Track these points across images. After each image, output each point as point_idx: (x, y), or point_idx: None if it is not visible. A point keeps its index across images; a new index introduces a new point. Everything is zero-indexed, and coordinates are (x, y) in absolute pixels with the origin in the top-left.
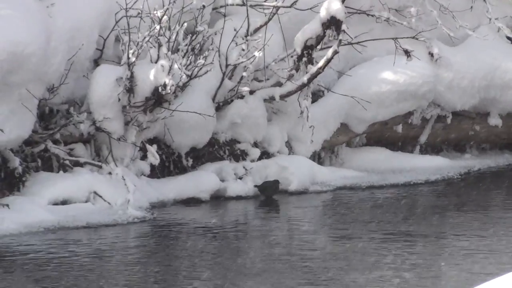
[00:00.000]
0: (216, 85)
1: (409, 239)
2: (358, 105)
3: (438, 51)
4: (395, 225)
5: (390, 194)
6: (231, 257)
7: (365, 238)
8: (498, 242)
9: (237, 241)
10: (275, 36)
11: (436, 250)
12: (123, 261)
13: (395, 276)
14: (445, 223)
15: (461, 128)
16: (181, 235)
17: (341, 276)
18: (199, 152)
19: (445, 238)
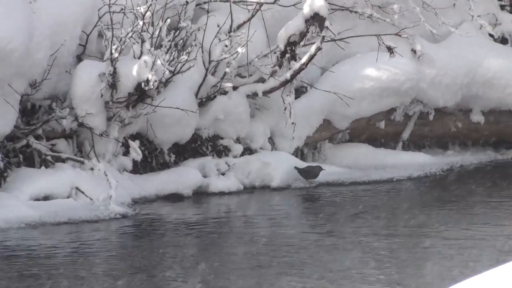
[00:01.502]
0: (199, 81)
1: (392, 235)
2: (341, 101)
3: (421, 48)
4: (378, 221)
5: (373, 190)
6: (213, 253)
7: (347, 234)
8: (480, 238)
9: (219, 237)
10: (258, 32)
11: (419, 246)
12: (104, 257)
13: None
14: (427, 219)
15: (444, 124)
16: (163, 231)
17: (323, 272)
18: (182, 148)
19: (428, 234)
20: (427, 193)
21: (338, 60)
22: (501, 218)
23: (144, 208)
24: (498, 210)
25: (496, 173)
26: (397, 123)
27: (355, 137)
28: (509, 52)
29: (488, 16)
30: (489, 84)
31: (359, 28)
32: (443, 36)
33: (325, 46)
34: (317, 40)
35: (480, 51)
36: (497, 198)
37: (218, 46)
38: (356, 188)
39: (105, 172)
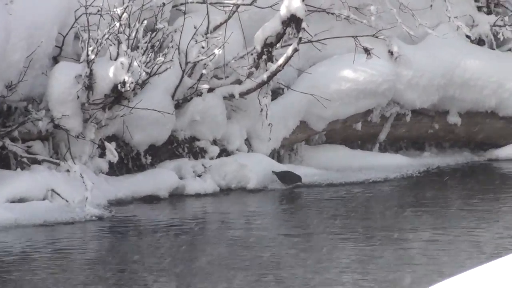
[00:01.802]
0: (176, 82)
1: (368, 236)
2: (317, 103)
3: (398, 49)
4: (354, 222)
5: (349, 192)
6: (189, 255)
7: (324, 235)
8: (456, 239)
9: (195, 239)
10: (235, 33)
11: (395, 247)
12: (80, 259)
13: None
14: (403, 220)
15: (420, 126)
16: (139, 233)
17: (299, 273)
18: (158, 149)
19: (404, 235)
20: (404, 194)
21: (315, 61)
22: (477, 220)
23: (120, 210)
24: (475, 212)
25: (473, 175)
26: (374, 124)
27: (332, 138)
28: (486, 53)
29: (465, 17)
30: (466, 86)
31: (336, 29)
32: (420, 37)
33: (302, 48)
34: (294, 42)
35: (457, 53)
36: (474, 200)
37: (194, 47)
38: (332, 190)
39: (81, 174)
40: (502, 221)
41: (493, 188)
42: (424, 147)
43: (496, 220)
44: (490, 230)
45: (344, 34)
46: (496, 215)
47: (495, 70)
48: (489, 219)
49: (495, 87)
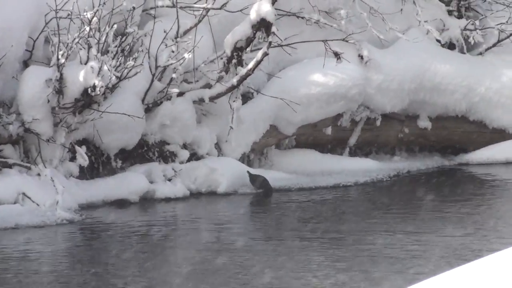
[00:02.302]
0: (146, 86)
1: (337, 240)
2: (287, 107)
3: (368, 53)
4: (324, 226)
5: (319, 196)
6: (159, 259)
7: (293, 239)
8: (426, 244)
9: (165, 243)
10: (205, 38)
11: (364, 252)
12: (50, 262)
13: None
14: (373, 225)
15: (391, 130)
16: (109, 236)
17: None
18: (128, 153)
19: (373, 239)
20: (374, 199)
21: (285, 65)
22: (447, 224)
23: (90, 213)
24: (445, 216)
25: (443, 179)
26: (344, 128)
27: (302, 143)
28: (457, 57)
29: (436, 21)
30: (437, 90)
31: (306, 33)
32: (390, 41)
33: (272, 52)
34: (264, 46)
35: (428, 57)
36: (443, 204)
37: (164, 51)
38: (302, 194)
39: (52, 178)
40: (472, 225)
41: (463, 193)
42: (394, 151)
43: (466, 224)
44: (460, 234)
45: (314, 38)
46: (466, 219)
47: (466, 74)
48: (459, 223)
49: (466, 91)
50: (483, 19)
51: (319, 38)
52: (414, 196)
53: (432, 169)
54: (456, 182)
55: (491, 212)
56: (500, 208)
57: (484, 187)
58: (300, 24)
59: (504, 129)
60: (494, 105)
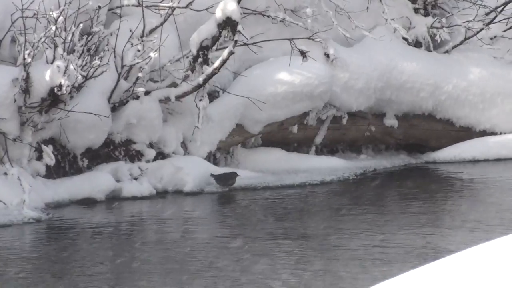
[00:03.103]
0: (112, 85)
1: (303, 239)
2: (253, 105)
3: (334, 51)
4: (289, 225)
5: (286, 195)
6: (125, 258)
7: (259, 238)
8: (391, 242)
9: (131, 242)
10: (171, 36)
11: (330, 250)
12: (16, 261)
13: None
14: (339, 223)
15: (357, 128)
16: (76, 235)
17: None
18: (95, 152)
19: (339, 238)
20: (340, 197)
21: (251, 64)
22: (412, 223)
23: (57, 212)
24: (411, 215)
25: (409, 177)
26: (310, 127)
27: (268, 141)
28: (423, 55)
29: (402, 19)
30: (403, 88)
31: (272, 32)
32: (356, 39)
33: (238, 50)
34: (229, 45)
35: (394, 55)
36: (409, 203)
37: (130, 50)
38: (268, 193)
39: (19, 177)
40: (438, 223)
41: (429, 191)
42: (360, 149)
43: (433, 222)
44: (426, 233)
45: (280, 36)
46: (433, 217)
47: (432, 72)
48: (425, 221)
49: (432, 90)
50: (450, 17)
51: (285, 36)
52: (380, 195)
53: (398, 167)
54: (423, 181)
55: (457, 211)
56: (466, 207)
57: (450, 185)
58: (266, 23)
59: (471, 127)
60: (461, 103)
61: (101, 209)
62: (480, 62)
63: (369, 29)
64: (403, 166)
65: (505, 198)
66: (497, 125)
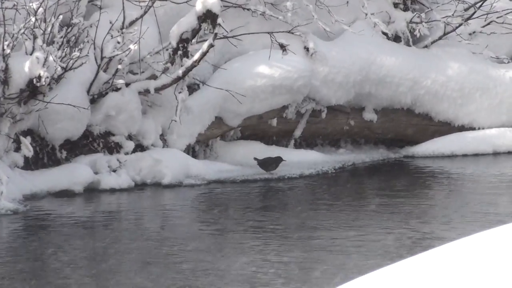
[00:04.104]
0: (91, 77)
1: (281, 232)
2: (233, 98)
3: (314, 45)
4: (268, 218)
5: (264, 188)
6: (102, 250)
7: (237, 231)
8: (369, 236)
9: (109, 234)
10: (151, 29)
11: (308, 244)
12: None
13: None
14: (317, 217)
15: (336, 122)
16: (54, 227)
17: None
18: (73, 144)
19: (317, 232)
20: (319, 191)
21: (231, 57)
22: (391, 217)
23: (35, 204)
24: (389, 209)
25: (388, 172)
26: (289, 120)
27: (247, 134)
28: (402, 50)
29: (382, 14)
30: (382, 82)
31: (252, 25)
32: (336, 34)
33: (218, 43)
34: (209, 37)
35: (374, 49)
36: (388, 197)
37: (110, 42)
38: (247, 186)
39: None
40: (416, 218)
41: (408, 185)
42: (339, 143)
43: (410, 217)
44: (404, 228)
45: (260, 30)
46: (410, 212)
47: (412, 67)
48: (403, 216)
49: (411, 84)
50: (429, 12)
51: (265, 30)
52: (359, 189)
53: (377, 162)
54: (401, 175)
55: (435, 205)
56: (444, 201)
57: (429, 180)
58: (246, 16)
59: (449, 122)
60: (440, 98)
61: (79, 201)
62: (459, 58)
63: (349, 23)
64: (382, 160)
65: (483, 193)
66: (475, 120)
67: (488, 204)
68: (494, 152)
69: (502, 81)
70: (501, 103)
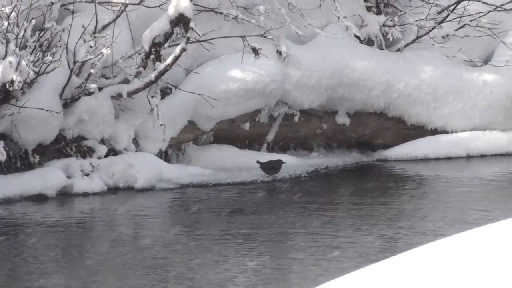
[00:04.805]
0: (64, 81)
1: (254, 236)
2: (205, 102)
3: (286, 49)
4: (241, 222)
5: (237, 192)
6: (75, 254)
7: (210, 235)
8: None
9: (82, 238)
10: (123, 33)
11: (280, 247)
12: None
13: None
14: (290, 220)
15: (309, 126)
16: (27, 231)
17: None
18: (46, 148)
19: (290, 235)
20: (291, 195)
21: (203, 61)
22: (363, 221)
23: (8, 208)
24: (361, 213)
25: (361, 175)
26: (262, 124)
27: (220, 138)
28: (375, 53)
29: (354, 17)
30: (355, 86)
31: (225, 29)
32: (309, 37)
33: (190, 47)
34: (182, 41)
35: (346, 53)
36: (360, 201)
37: (82, 47)
38: (220, 190)
39: None
40: (388, 221)
41: (381, 189)
42: (312, 147)
43: (383, 220)
44: (377, 230)
45: (232, 34)
46: (382, 216)
47: (384, 70)
48: (376, 219)
49: (384, 88)
50: (402, 15)
51: (237, 33)
52: (332, 192)
53: (350, 165)
54: (374, 178)
55: (407, 209)
56: (417, 205)
57: (401, 183)
58: (218, 20)
59: (422, 126)
60: (413, 102)
61: (52, 205)
62: (432, 61)
63: (321, 27)
64: (355, 164)
65: (455, 196)
66: (448, 124)
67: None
68: (467, 155)
69: (475, 84)
70: (474, 106)
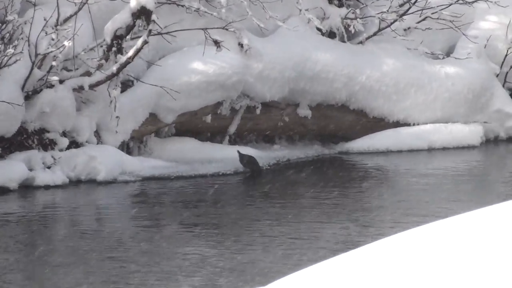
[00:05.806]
0: (26, 74)
1: (218, 228)
2: (167, 95)
3: (248, 42)
4: (203, 215)
5: (199, 185)
6: (37, 247)
7: (173, 227)
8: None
9: (44, 231)
10: (85, 25)
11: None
12: None
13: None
14: (251, 213)
15: (271, 118)
16: None
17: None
18: (8, 141)
19: (251, 228)
20: (253, 187)
21: (165, 53)
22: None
23: None
24: (322, 205)
25: (322, 168)
26: (224, 117)
27: (181, 131)
28: (337, 46)
29: (316, 10)
30: (317, 79)
31: (186, 21)
32: (271, 30)
33: (152, 40)
34: (143, 34)
35: (308, 45)
36: (322, 193)
37: (44, 39)
38: (182, 182)
39: None
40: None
41: (342, 181)
42: (274, 139)
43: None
44: (336, 224)
45: (194, 26)
46: (343, 208)
47: (346, 63)
48: (336, 212)
49: (346, 80)
50: (364, 8)
51: (199, 26)
52: (293, 185)
53: (312, 158)
54: (335, 171)
55: (368, 202)
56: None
57: (363, 175)
58: (180, 12)
59: (384, 118)
60: (375, 94)
61: (14, 198)
62: (394, 53)
63: (283, 19)
64: (317, 156)
65: (416, 189)
66: (410, 116)
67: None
68: (429, 148)
69: (437, 77)
70: (436, 99)
